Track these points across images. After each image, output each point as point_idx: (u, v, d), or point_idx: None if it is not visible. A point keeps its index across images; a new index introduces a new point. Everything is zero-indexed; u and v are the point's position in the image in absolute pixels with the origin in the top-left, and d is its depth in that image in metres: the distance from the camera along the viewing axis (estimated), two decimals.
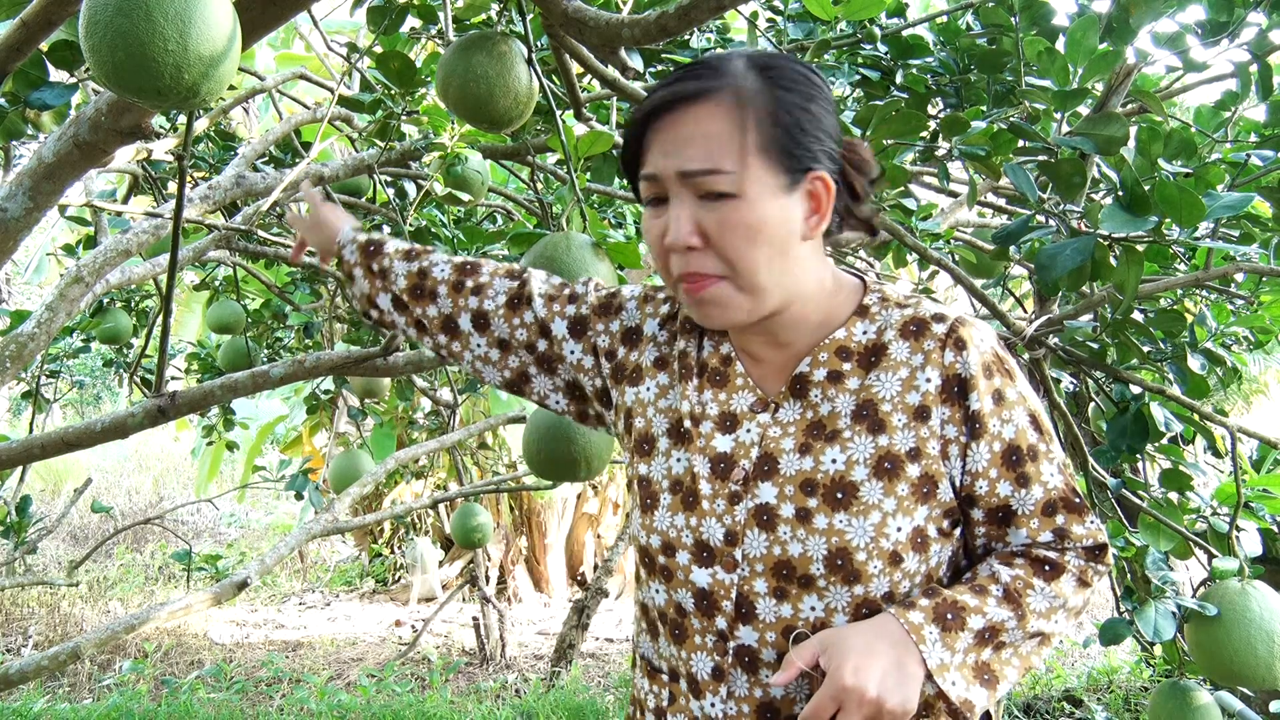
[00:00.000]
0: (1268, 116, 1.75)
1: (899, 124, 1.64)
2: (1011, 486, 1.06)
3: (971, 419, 1.04)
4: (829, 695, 0.94)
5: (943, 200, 2.93)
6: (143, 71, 1.00)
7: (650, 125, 1.03)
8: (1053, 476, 1.07)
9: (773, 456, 1.06)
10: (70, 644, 2.19)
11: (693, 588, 1.07)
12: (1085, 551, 1.08)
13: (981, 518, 1.08)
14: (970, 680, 1.01)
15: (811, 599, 1.02)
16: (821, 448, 1.05)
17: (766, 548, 1.03)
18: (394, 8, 1.82)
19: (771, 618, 1.03)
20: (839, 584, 1.01)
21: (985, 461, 1.04)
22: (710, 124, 1.00)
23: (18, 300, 10.61)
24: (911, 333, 1.07)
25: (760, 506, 1.05)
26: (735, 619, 1.05)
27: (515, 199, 2.90)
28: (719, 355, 1.15)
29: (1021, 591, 1.04)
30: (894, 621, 0.99)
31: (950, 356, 1.04)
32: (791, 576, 1.02)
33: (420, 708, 4.42)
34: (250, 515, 9.86)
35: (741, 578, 1.04)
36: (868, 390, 1.06)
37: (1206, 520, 1.87)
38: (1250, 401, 9.43)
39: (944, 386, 1.04)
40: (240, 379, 1.98)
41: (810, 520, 1.02)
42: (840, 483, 1.02)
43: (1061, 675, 4.89)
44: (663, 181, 1.02)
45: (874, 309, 1.10)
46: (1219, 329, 1.86)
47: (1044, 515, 1.07)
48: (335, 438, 5.19)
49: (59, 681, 5.20)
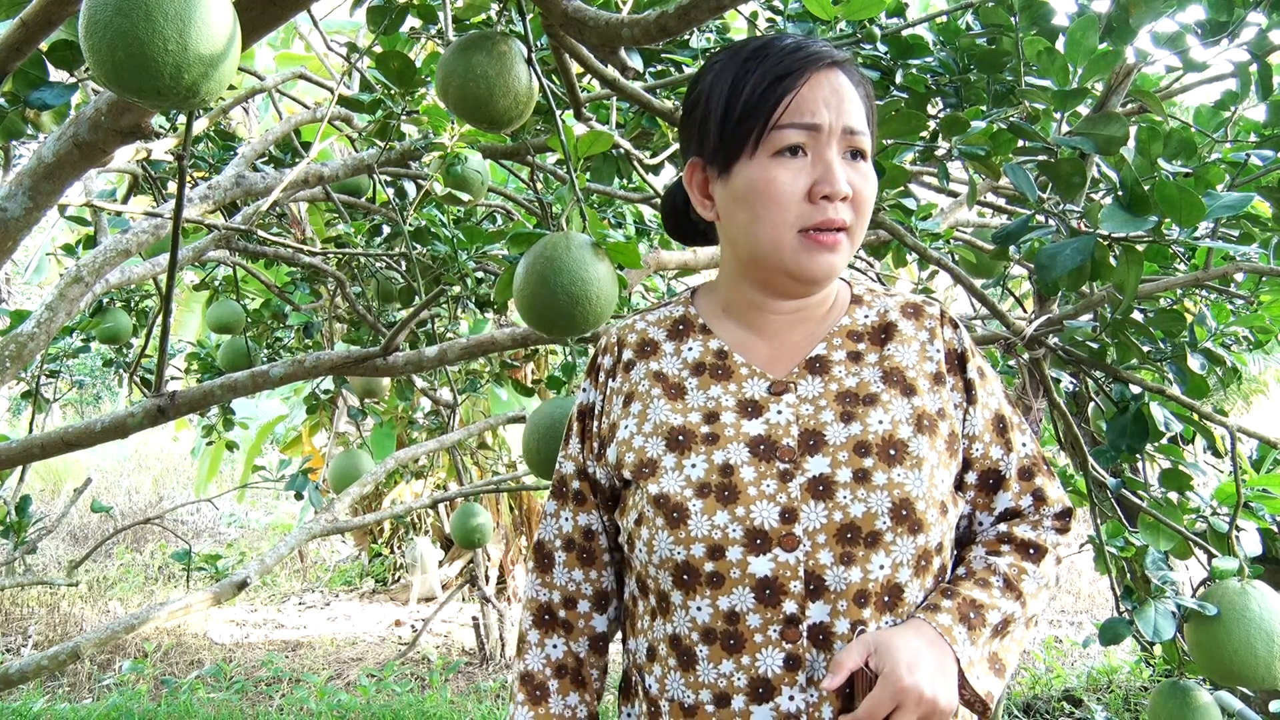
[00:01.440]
0: (1268, 116, 1.75)
1: (899, 124, 1.64)
2: (1001, 450, 1.17)
3: (968, 386, 1.16)
4: (888, 695, 0.96)
5: (943, 200, 2.93)
6: (143, 71, 1.00)
7: (800, 79, 1.06)
8: (1025, 445, 1.19)
9: (816, 431, 1.09)
10: (70, 644, 2.19)
11: (752, 580, 1.05)
12: (1056, 519, 1.18)
13: (974, 480, 1.17)
14: (987, 671, 1.07)
15: (879, 556, 1.05)
16: (865, 412, 1.10)
17: (827, 515, 1.05)
18: (394, 8, 1.82)
19: (842, 585, 1.04)
20: (905, 535, 1.05)
21: (980, 426, 1.16)
22: (853, 90, 1.09)
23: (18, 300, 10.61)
24: (911, 313, 1.18)
25: (814, 479, 1.06)
26: (805, 597, 1.04)
27: (515, 199, 2.90)
28: (711, 352, 1.17)
29: (1018, 579, 1.11)
30: (926, 625, 1.03)
31: (949, 332, 1.17)
32: (857, 538, 1.04)
33: (420, 707, 4.42)
34: (250, 515, 9.86)
35: (805, 553, 1.04)
36: (889, 359, 1.14)
37: (1206, 520, 1.87)
38: (1250, 401, 9.44)
39: (948, 358, 1.16)
40: (240, 379, 1.98)
41: (869, 479, 1.06)
42: (891, 440, 1.08)
43: (1061, 675, 4.89)
44: (819, 131, 1.06)
45: (866, 297, 1.21)
46: (1219, 329, 1.86)
47: (1022, 479, 1.18)
48: (335, 438, 5.18)
49: (59, 681, 5.20)
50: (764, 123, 1.06)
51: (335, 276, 2.95)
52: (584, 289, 1.49)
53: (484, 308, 2.92)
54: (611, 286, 1.52)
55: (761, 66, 1.07)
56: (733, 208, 1.11)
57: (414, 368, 2.13)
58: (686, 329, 1.20)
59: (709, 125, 1.11)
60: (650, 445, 1.13)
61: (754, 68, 1.07)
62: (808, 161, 1.06)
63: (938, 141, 1.84)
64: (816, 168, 1.06)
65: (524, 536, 7.14)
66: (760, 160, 1.07)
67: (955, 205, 2.85)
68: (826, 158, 1.06)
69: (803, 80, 1.06)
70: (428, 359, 2.12)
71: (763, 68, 1.07)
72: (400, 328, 1.99)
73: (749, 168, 1.08)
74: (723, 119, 1.09)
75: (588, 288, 1.49)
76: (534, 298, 1.50)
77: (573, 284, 1.48)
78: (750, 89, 1.07)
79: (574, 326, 1.51)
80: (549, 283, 1.48)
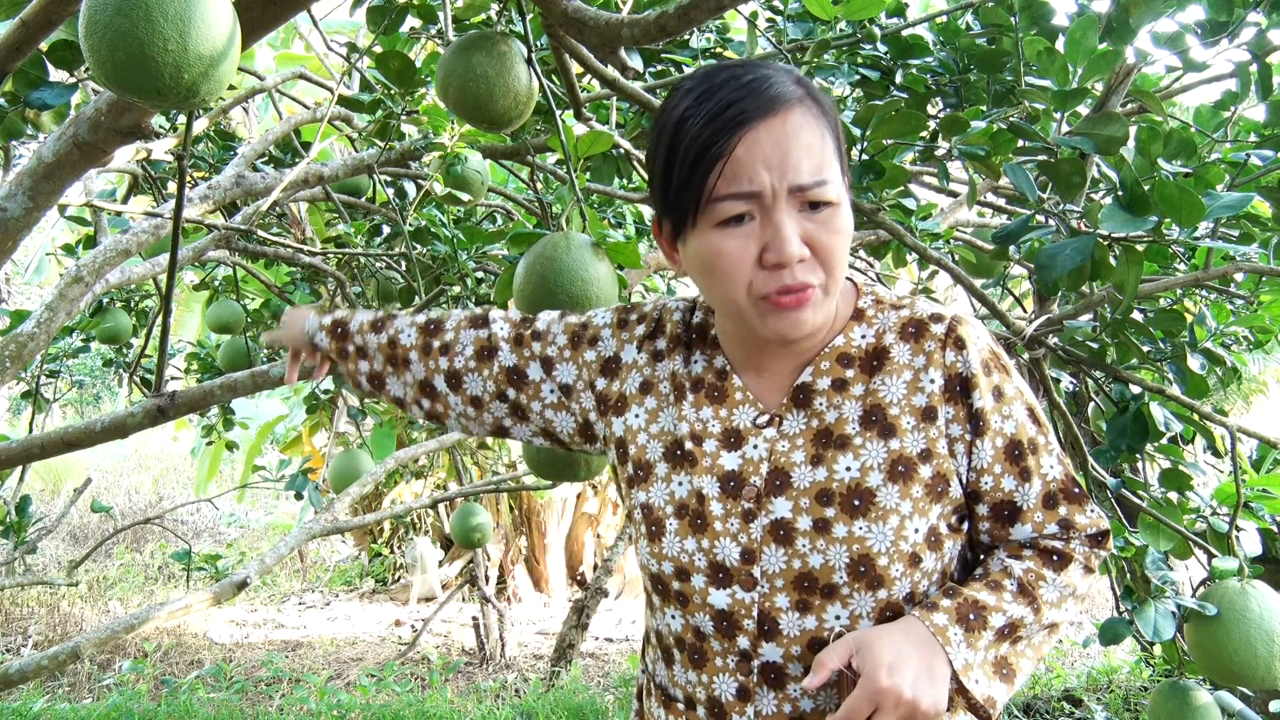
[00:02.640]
0: (1267, 116, 1.75)
1: (899, 124, 1.64)
2: (1015, 481, 1.07)
3: (975, 416, 1.06)
4: (865, 696, 0.95)
5: (943, 200, 2.93)
6: (142, 71, 1.00)
7: (731, 141, 0.97)
8: (1052, 468, 1.09)
9: (784, 471, 1.05)
10: (70, 644, 2.19)
11: (711, 610, 1.05)
12: (1089, 539, 1.10)
13: (986, 513, 1.09)
14: (991, 677, 1.03)
15: (835, 608, 1.02)
16: (834, 456, 1.05)
17: (785, 562, 1.03)
18: (394, 8, 1.82)
19: (795, 631, 1.03)
20: (863, 590, 1.02)
21: (989, 458, 1.06)
22: (806, 134, 0.99)
23: (17, 300, 10.61)
24: (911, 334, 1.08)
25: (775, 522, 1.04)
26: (758, 636, 1.04)
27: (515, 199, 2.90)
28: (713, 369, 1.14)
29: (1034, 584, 1.06)
30: (919, 624, 1.00)
31: (951, 356, 1.06)
32: (814, 588, 1.02)
33: (420, 708, 4.42)
34: (250, 515, 9.86)
35: (762, 594, 1.03)
36: (874, 395, 1.06)
37: (1206, 520, 1.87)
38: (1250, 401, 9.44)
39: (947, 386, 1.06)
40: (240, 379, 1.98)
41: (829, 530, 1.02)
42: (856, 490, 1.03)
43: (1061, 675, 4.89)
44: (761, 198, 0.97)
45: (869, 312, 1.11)
46: (1219, 329, 1.86)
47: (1046, 508, 1.09)
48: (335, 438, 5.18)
49: (59, 681, 5.20)
50: (697, 198, 0.99)
51: (335, 276, 2.95)
52: (584, 289, 1.49)
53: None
54: (611, 286, 1.52)
55: (695, 126, 0.99)
56: (691, 274, 1.07)
57: None
58: (700, 338, 1.17)
59: (655, 187, 1.06)
60: (651, 449, 1.13)
61: (690, 127, 0.99)
62: (755, 225, 0.99)
63: (938, 141, 1.84)
64: (765, 231, 0.98)
65: (524, 536, 7.14)
66: (703, 232, 1.00)
67: (955, 205, 2.85)
68: (775, 220, 0.97)
69: (734, 142, 0.96)
70: None
71: (695, 128, 0.99)
72: None
73: (695, 239, 1.02)
74: (663, 188, 1.04)
75: (588, 288, 1.49)
76: (534, 298, 1.50)
77: (573, 284, 1.48)
78: (682, 157, 0.99)
79: None
80: (549, 283, 1.48)
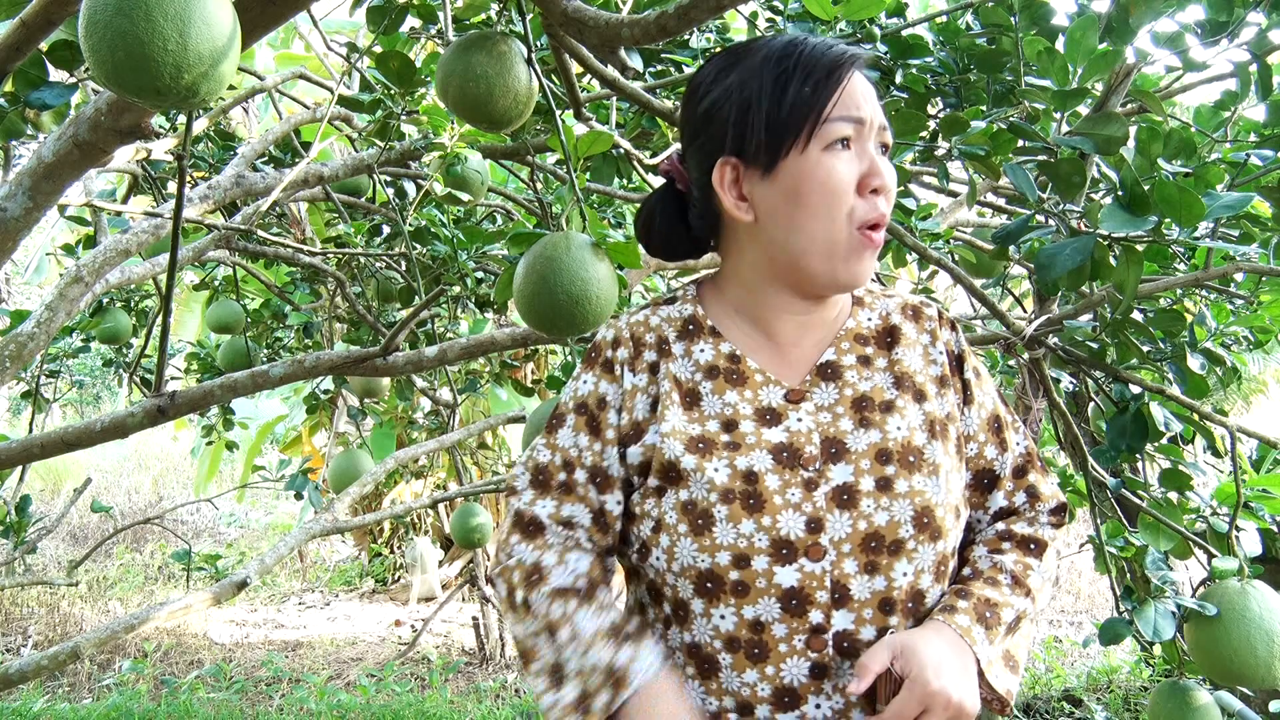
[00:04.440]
0: (1267, 116, 1.75)
1: (899, 124, 1.64)
2: (995, 450, 1.18)
3: (965, 387, 1.17)
4: (916, 699, 0.97)
5: (942, 200, 2.94)
6: (142, 71, 1.00)
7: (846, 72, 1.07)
8: (1019, 444, 1.20)
9: (836, 439, 1.08)
10: (70, 644, 2.19)
11: (778, 590, 1.03)
12: (1051, 514, 1.19)
13: (969, 480, 1.17)
14: (1004, 669, 1.08)
15: (902, 564, 1.05)
16: (882, 419, 1.09)
17: (852, 525, 1.04)
18: (394, 7, 1.82)
19: (866, 594, 1.04)
20: (927, 542, 1.06)
21: (976, 425, 1.17)
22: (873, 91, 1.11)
23: (17, 300, 10.61)
24: (911, 315, 1.18)
25: (838, 488, 1.05)
26: (831, 606, 1.04)
27: (515, 199, 2.90)
28: (723, 355, 1.14)
29: (1025, 575, 1.13)
30: (946, 627, 1.04)
31: (948, 334, 1.18)
32: (881, 547, 1.04)
33: (420, 707, 4.42)
34: (250, 515, 9.86)
35: (831, 563, 1.04)
36: (899, 364, 1.14)
37: (1206, 520, 1.87)
38: (1250, 401, 9.44)
39: (949, 360, 1.16)
40: (240, 379, 1.98)
41: (892, 487, 1.05)
42: (909, 447, 1.08)
43: (1061, 675, 4.89)
44: (865, 126, 1.07)
45: (867, 299, 1.20)
46: (1218, 329, 1.86)
47: (1016, 477, 1.19)
48: (335, 437, 5.19)
49: (59, 681, 5.20)
50: (817, 115, 1.05)
51: (335, 276, 2.95)
52: (584, 289, 1.49)
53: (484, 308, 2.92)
54: (611, 286, 1.52)
55: (804, 62, 1.06)
56: (782, 205, 1.07)
57: (414, 368, 2.13)
58: (696, 330, 1.16)
59: (749, 122, 1.08)
60: (671, 449, 1.08)
61: (794, 64, 1.07)
62: (852, 155, 1.07)
63: (938, 141, 1.84)
64: (863, 161, 1.07)
65: None
66: (812, 154, 1.06)
67: (955, 205, 2.85)
68: (869, 152, 1.07)
69: (849, 75, 1.06)
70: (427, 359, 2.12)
71: (806, 63, 1.06)
72: (400, 328, 1.99)
73: (800, 162, 1.06)
74: (769, 114, 1.07)
75: (588, 288, 1.49)
76: (534, 298, 1.50)
77: (573, 284, 1.48)
78: (798, 84, 1.06)
79: (574, 326, 1.51)
80: (549, 283, 1.48)
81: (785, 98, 1.06)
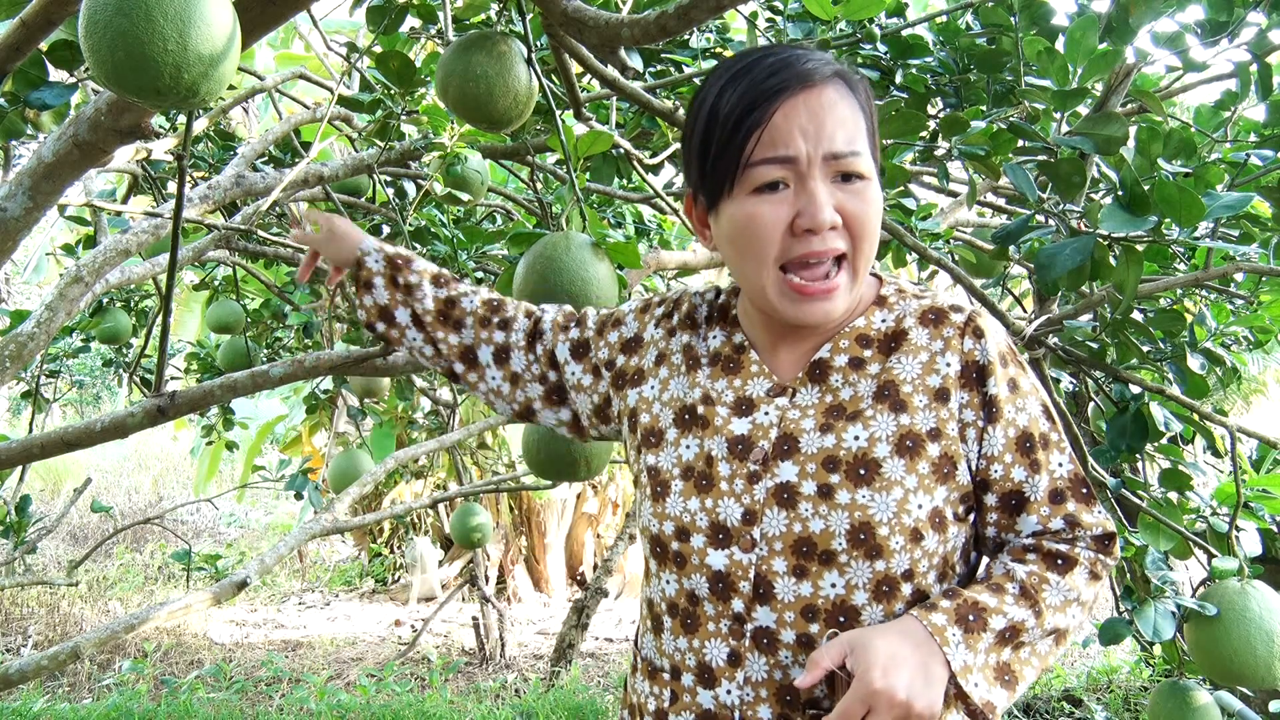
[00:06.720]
0: (1267, 116, 1.75)
1: (899, 124, 1.64)
2: (1025, 471, 1.08)
3: (989, 403, 1.07)
4: (859, 698, 0.94)
5: (942, 200, 2.94)
6: (142, 71, 1.00)
7: (770, 109, 1.01)
8: (1061, 465, 1.10)
9: (793, 437, 1.08)
10: (70, 644, 2.19)
11: (708, 571, 1.07)
12: (1094, 541, 1.10)
13: (994, 503, 1.09)
14: (992, 682, 1.01)
15: (832, 575, 1.03)
16: (843, 426, 1.07)
17: (786, 525, 1.04)
18: (394, 7, 1.82)
19: (790, 597, 1.03)
20: (861, 559, 1.02)
21: (1000, 446, 1.07)
22: (843, 108, 1.04)
23: (17, 300, 10.62)
24: (930, 320, 1.10)
25: (780, 485, 1.05)
26: (753, 599, 1.05)
27: (515, 199, 2.90)
28: (731, 344, 1.17)
29: (1037, 588, 1.05)
30: (917, 624, 0.99)
31: (969, 344, 1.08)
32: (812, 553, 1.03)
33: (420, 708, 4.42)
34: (250, 515, 9.86)
35: (760, 557, 1.04)
36: (888, 372, 1.09)
37: (1206, 520, 1.87)
38: (1250, 401, 9.43)
39: (963, 371, 1.08)
40: (240, 379, 1.98)
41: (832, 496, 1.03)
42: (863, 459, 1.04)
43: (1061, 675, 4.89)
44: (796, 163, 1.01)
45: (891, 299, 1.14)
46: (1218, 329, 1.86)
47: (1053, 502, 1.09)
48: (335, 437, 5.19)
49: (59, 681, 5.20)
50: (736, 162, 1.03)
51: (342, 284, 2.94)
52: (584, 289, 1.49)
53: None
54: (611, 286, 1.53)
55: (734, 96, 1.03)
56: (724, 245, 1.10)
57: (414, 368, 2.13)
58: (722, 316, 1.21)
59: (692, 161, 1.10)
60: (663, 416, 1.16)
61: (729, 97, 1.04)
62: (790, 194, 1.02)
63: (938, 141, 1.84)
64: (800, 199, 1.02)
65: (524, 536, 7.14)
66: (739, 198, 1.04)
67: (955, 205, 2.85)
68: (809, 188, 1.01)
69: (773, 110, 1.01)
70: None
71: (734, 98, 1.03)
72: None
73: (730, 206, 1.05)
74: (700, 157, 1.07)
75: (588, 288, 1.49)
76: (534, 298, 1.50)
77: (573, 284, 1.48)
78: (722, 123, 1.03)
79: None
80: (549, 283, 1.49)
81: (712, 139, 1.05)
